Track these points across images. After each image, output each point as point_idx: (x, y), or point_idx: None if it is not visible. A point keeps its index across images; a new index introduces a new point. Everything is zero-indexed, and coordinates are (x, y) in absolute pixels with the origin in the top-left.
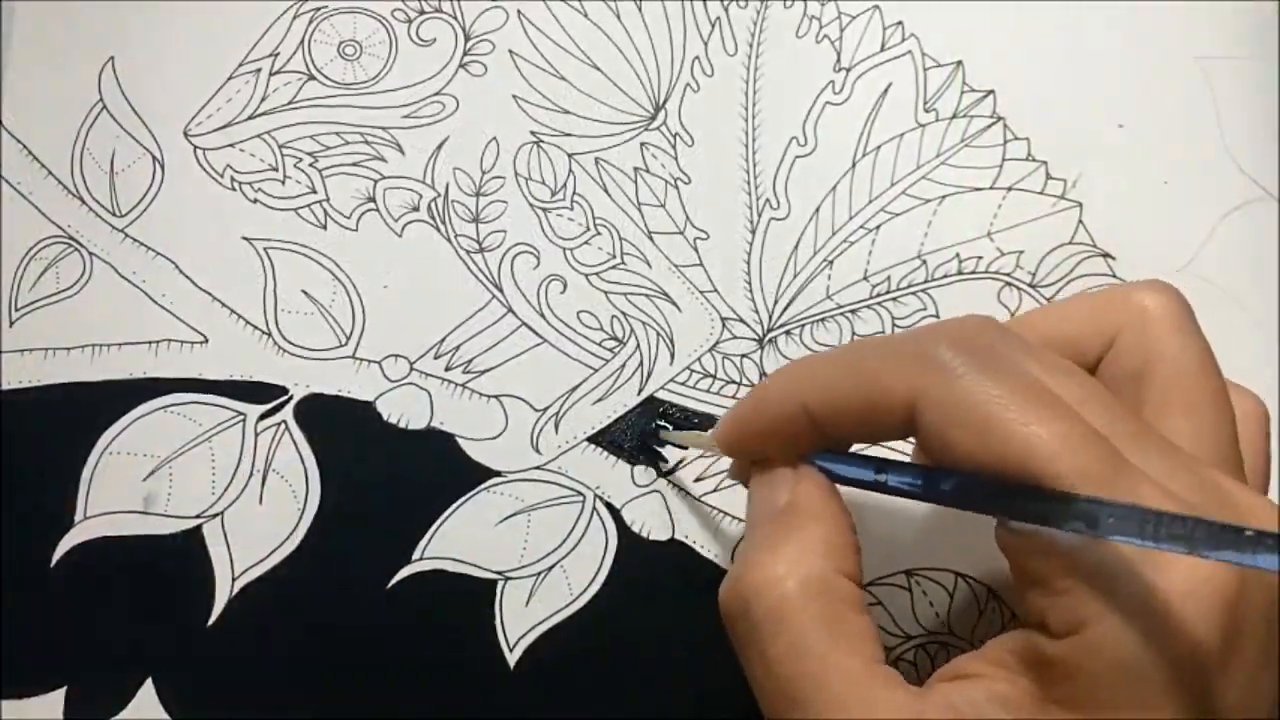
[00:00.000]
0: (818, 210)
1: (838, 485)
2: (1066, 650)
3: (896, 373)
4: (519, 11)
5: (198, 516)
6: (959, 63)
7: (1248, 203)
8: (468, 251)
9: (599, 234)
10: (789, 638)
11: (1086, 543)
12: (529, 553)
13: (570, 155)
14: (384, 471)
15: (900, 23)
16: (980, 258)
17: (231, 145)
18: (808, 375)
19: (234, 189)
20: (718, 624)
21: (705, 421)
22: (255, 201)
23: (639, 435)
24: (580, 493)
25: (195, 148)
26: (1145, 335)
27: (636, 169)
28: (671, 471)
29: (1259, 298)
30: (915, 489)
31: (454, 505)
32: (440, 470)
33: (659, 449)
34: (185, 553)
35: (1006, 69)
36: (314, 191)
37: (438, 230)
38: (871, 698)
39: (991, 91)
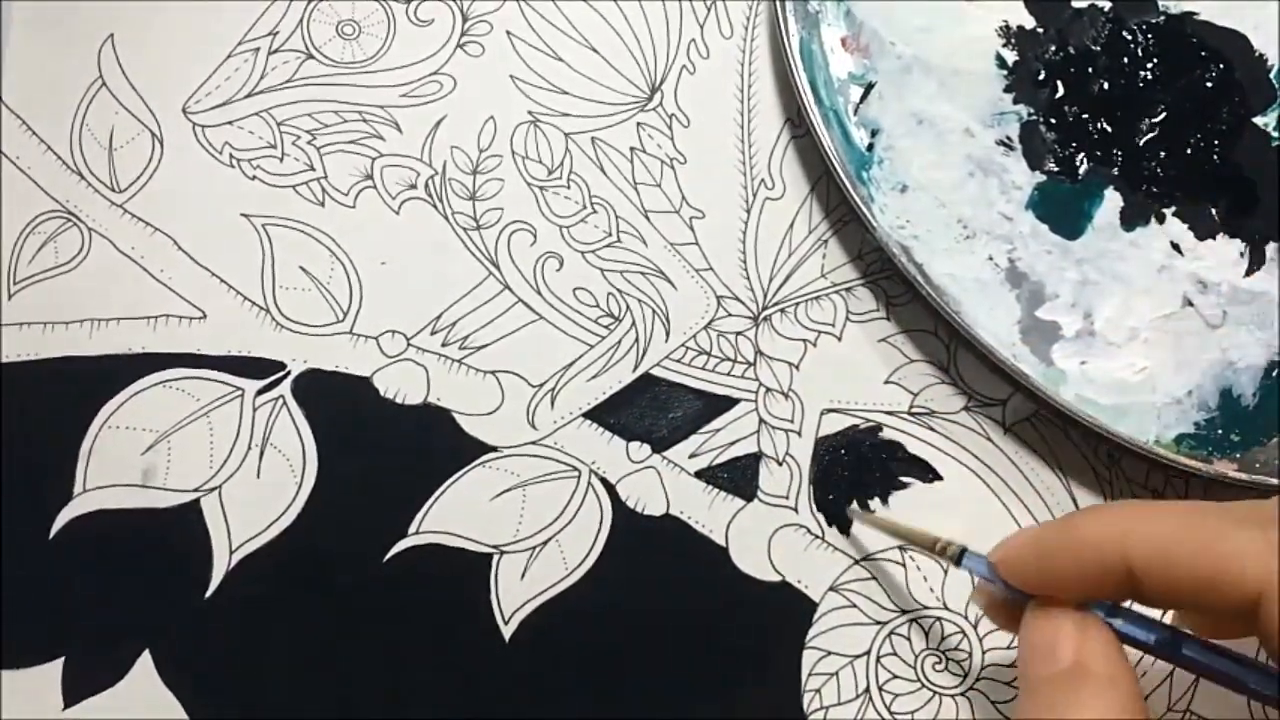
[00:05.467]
0: (812, 190)
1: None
2: None
3: (1248, 551)
4: None
5: (196, 490)
6: None
7: None
8: (465, 229)
9: (595, 212)
10: None
11: None
12: (524, 527)
13: (567, 135)
14: (381, 446)
15: None
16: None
17: (230, 123)
18: (1135, 524)
19: (232, 166)
20: (710, 598)
21: (697, 400)
22: (254, 178)
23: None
24: (575, 468)
25: (194, 125)
26: None
27: (633, 149)
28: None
29: None
30: (1224, 672)
31: (450, 480)
32: (436, 445)
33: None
34: (183, 525)
35: None
36: (312, 169)
37: (435, 208)
38: None
39: None
